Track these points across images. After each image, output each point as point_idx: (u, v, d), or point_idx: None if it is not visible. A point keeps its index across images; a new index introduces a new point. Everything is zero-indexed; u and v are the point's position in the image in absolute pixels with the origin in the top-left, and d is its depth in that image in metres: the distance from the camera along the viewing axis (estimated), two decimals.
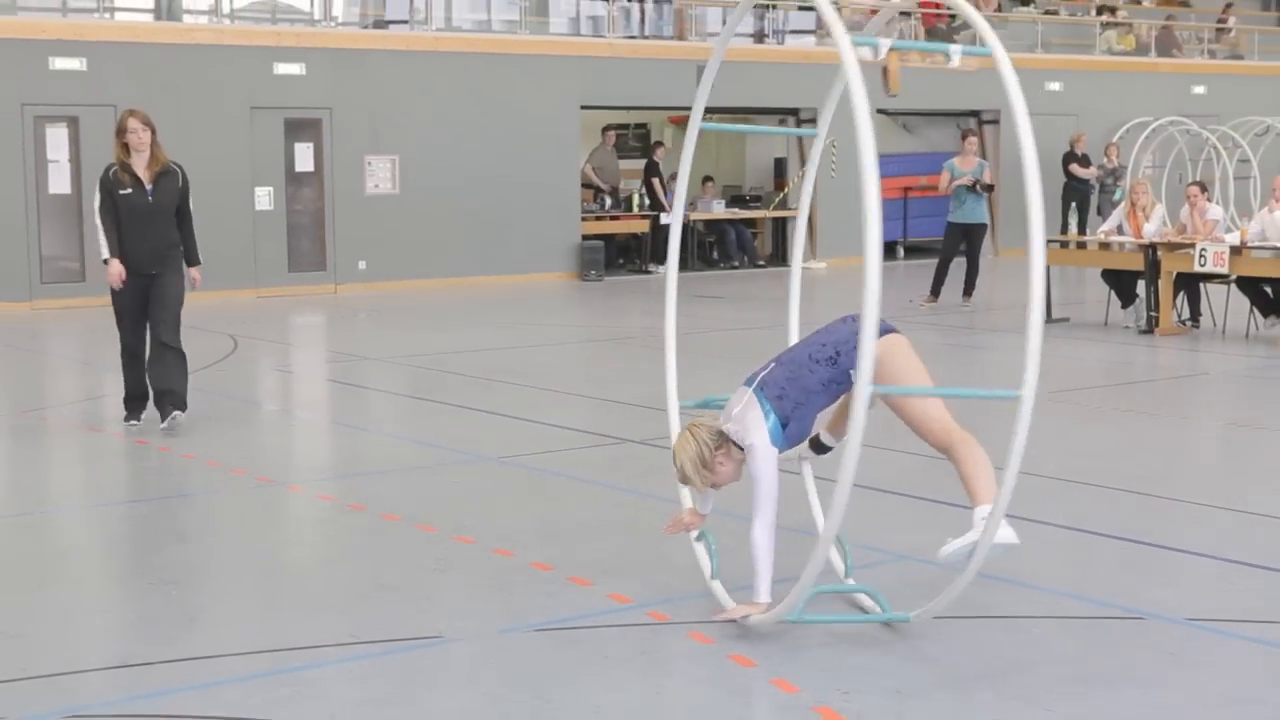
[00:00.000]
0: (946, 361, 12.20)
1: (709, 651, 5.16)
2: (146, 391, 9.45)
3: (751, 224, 23.12)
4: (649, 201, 21.93)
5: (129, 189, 9.14)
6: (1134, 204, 14.52)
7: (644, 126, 25.18)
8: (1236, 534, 6.85)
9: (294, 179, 18.78)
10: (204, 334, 9.05)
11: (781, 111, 22.37)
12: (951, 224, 16.72)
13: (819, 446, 5.85)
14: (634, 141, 24.84)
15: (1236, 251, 13.28)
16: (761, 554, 5.21)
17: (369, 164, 19.08)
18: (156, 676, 5.00)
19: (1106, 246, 14.71)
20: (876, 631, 5.32)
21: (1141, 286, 14.17)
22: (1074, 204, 23.12)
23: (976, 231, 16.73)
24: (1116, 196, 21.62)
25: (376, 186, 19.15)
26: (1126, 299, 14.45)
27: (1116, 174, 23.20)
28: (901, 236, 23.69)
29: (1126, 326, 14.33)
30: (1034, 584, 5.98)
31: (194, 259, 9.46)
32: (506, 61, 19.86)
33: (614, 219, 21.82)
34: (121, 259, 9.16)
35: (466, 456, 8.71)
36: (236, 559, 6.62)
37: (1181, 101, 25.59)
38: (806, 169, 6.42)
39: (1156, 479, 7.98)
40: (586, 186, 21.61)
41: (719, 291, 18.67)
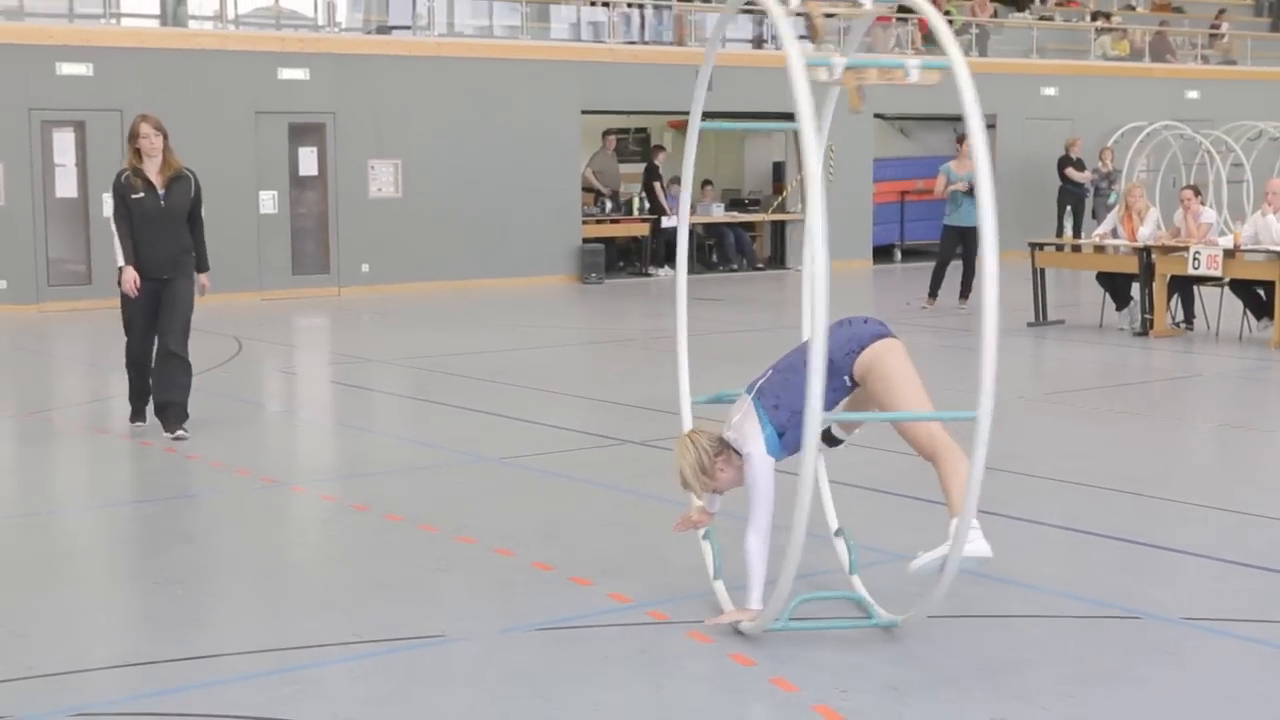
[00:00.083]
0: (943, 364, 12.19)
1: (709, 651, 5.15)
2: (149, 391, 9.36)
3: (750, 227, 23.12)
4: (649, 205, 21.93)
5: (141, 193, 9.03)
6: (1129, 208, 14.52)
7: (644, 131, 25.18)
8: (1231, 534, 6.85)
9: (298, 183, 18.78)
10: (208, 336, 9.06)
11: (779, 116, 22.34)
12: (948, 227, 16.76)
13: (830, 440, 5.82)
14: (634, 145, 24.84)
15: (1230, 254, 13.28)
16: (755, 561, 5.20)
17: (372, 168, 19.07)
18: (161, 675, 4.99)
19: (1101, 250, 14.70)
20: (874, 631, 5.31)
21: (1136, 289, 14.18)
22: (1069, 208, 23.11)
23: (972, 234, 16.64)
24: (1111, 200, 21.60)
25: (379, 190, 19.14)
26: (1121, 301, 14.45)
27: (1111, 178, 23.19)
28: (898, 240, 23.70)
29: (1121, 329, 14.33)
30: (1030, 584, 5.97)
31: (203, 265, 9.36)
32: (508, 66, 19.86)
33: (614, 222, 21.81)
34: (134, 265, 9.06)
35: (468, 457, 8.70)
36: (241, 559, 6.62)
37: (1175, 106, 25.59)
38: (808, 169, 6.37)
39: (1151, 480, 7.97)
40: (587, 190, 21.61)
41: (718, 294, 18.67)
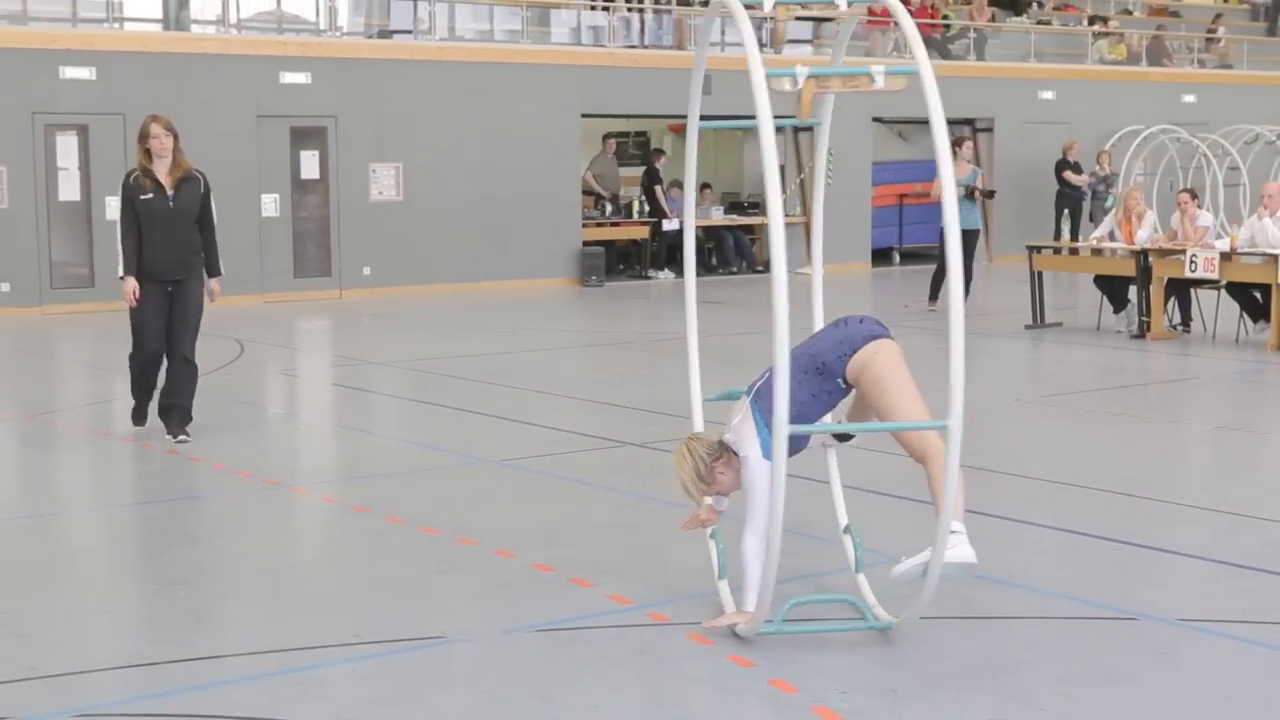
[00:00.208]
0: (941, 365, 12.16)
1: (708, 652, 5.15)
2: (153, 391, 9.26)
3: (749, 230, 23.12)
4: (649, 208, 21.93)
5: (150, 194, 8.86)
6: (1129, 211, 14.49)
7: (644, 134, 25.18)
8: (1226, 535, 6.85)
9: (300, 186, 18.78)
10: (211, 339, 9.07)
11: (777, 119, 22.36)
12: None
13: (841, 435, 5.79)
14: (634, 149, 24.84)
15: (1226, 258, 13.28)
16: (752, 563, 5.19)
17: (373, 171, 19.07)
18: (164, 676, 4.99)
19: (1099, 253, 14.70)
20: (873, 633, 5.30)
21: (1133, 292, 14.17)
22: (1066, 211, 23.12)
23: (970, 237, 16.69)
24: (1108, 204, 21.60)
25: (381, 193, 19.14)
26: (1118, 304, 14.45)
27: (1108, 181, 23.19)
28: (897, 242, 23.70)
29: (1118, 331, 14.33)
30: (1027, 585, 5.97)
31: (214, 269, 9.16)
32: (509, 71, 19.86)
33: (614, 225, 21.81)
34: (143, 266, 8.91)
35: (469, 459, 8.70)
36: (243, 560, 6.61)
37: (1172, 110, 25.59)
38: (815, 173, 6.41)
39: (1148, 481, 7.97)
40: (587, 193, 21.61)
41: (717, 297, 18.66)
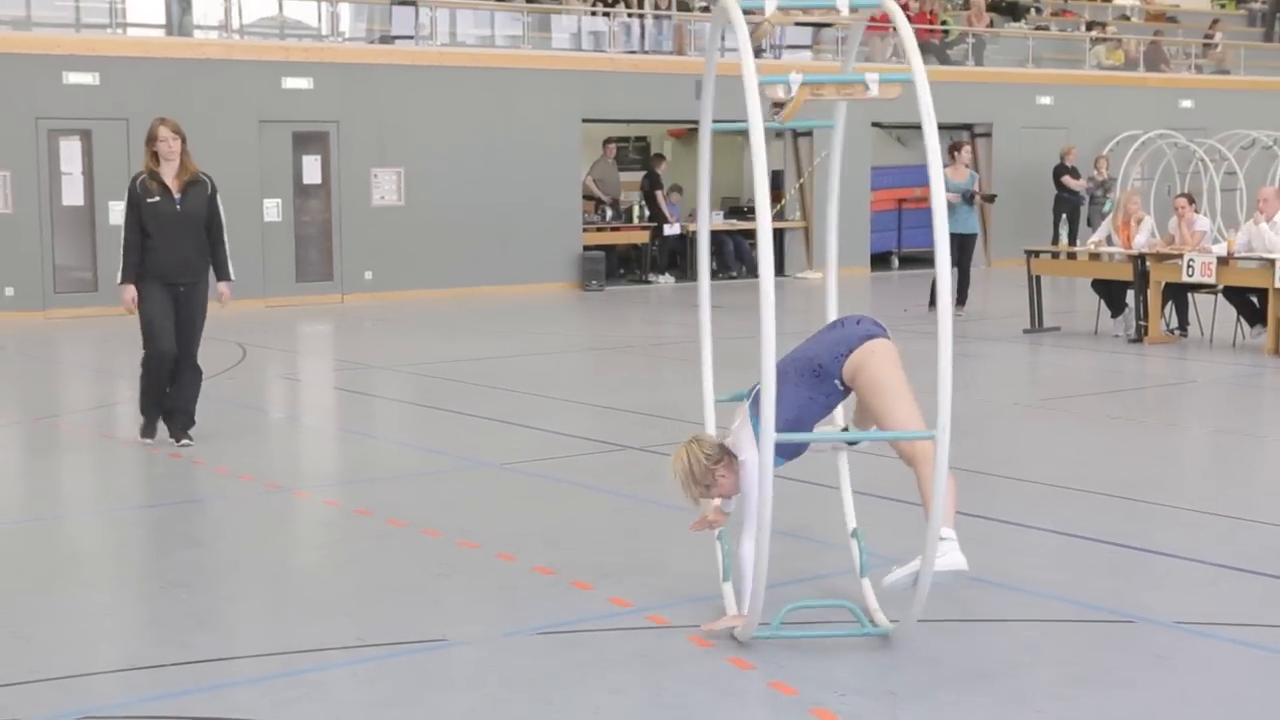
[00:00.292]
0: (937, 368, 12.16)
1: (708, 654, 5.15)
2: (164, 401, 9.12)
3: (749, 235, 23.11)
4: (649, 213, 21.94)
5: (157, 197, 8.78)
6: (1128, 215, 14.47)
7: (644, 140, 25.19)
8: (1224, 538, 6.85)
9: (302, 191, 18.79)
10: (214, 343, 9.07)
11: (741, 132, 22.37)
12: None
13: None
14: (634, 154, 24.85)
15: (1223, 262, 13.28)
16: (748, 567, 5.19)
17: (375, 176, 19.08)
18: (167, 678, 4.99)
19: (1096, 257, 14.70)
20: (871, 636, 5.29)
21: (1131, 296, 14.18)
22: (1064, 215, 23.07)
23: (969, 241, 16.75)
24: (1106, 208, 21.60)
25: (382, 198, 19.15)
26: (1116, 308, 14.45)
27: (1106, 186, 23.19)
28: (896, 247, 23.70)
29: (1116, 335, 14.33)
30: (1025, 588, 5.98)
31: (223, 273, 9.05)
32: (510, 76, 19.88)
33: (614, 230, 21.82)
34: (150, 269, 8.83)
35: (470, 463, 8.70)
36: (245, 563, 6.61)
37: (1170, 115, 25.60)
38: (830, 175, 6.40)
39: (1145, 484, 7.97)
40: (588, 198, 21.62)
41: (717, 301, 18.46)
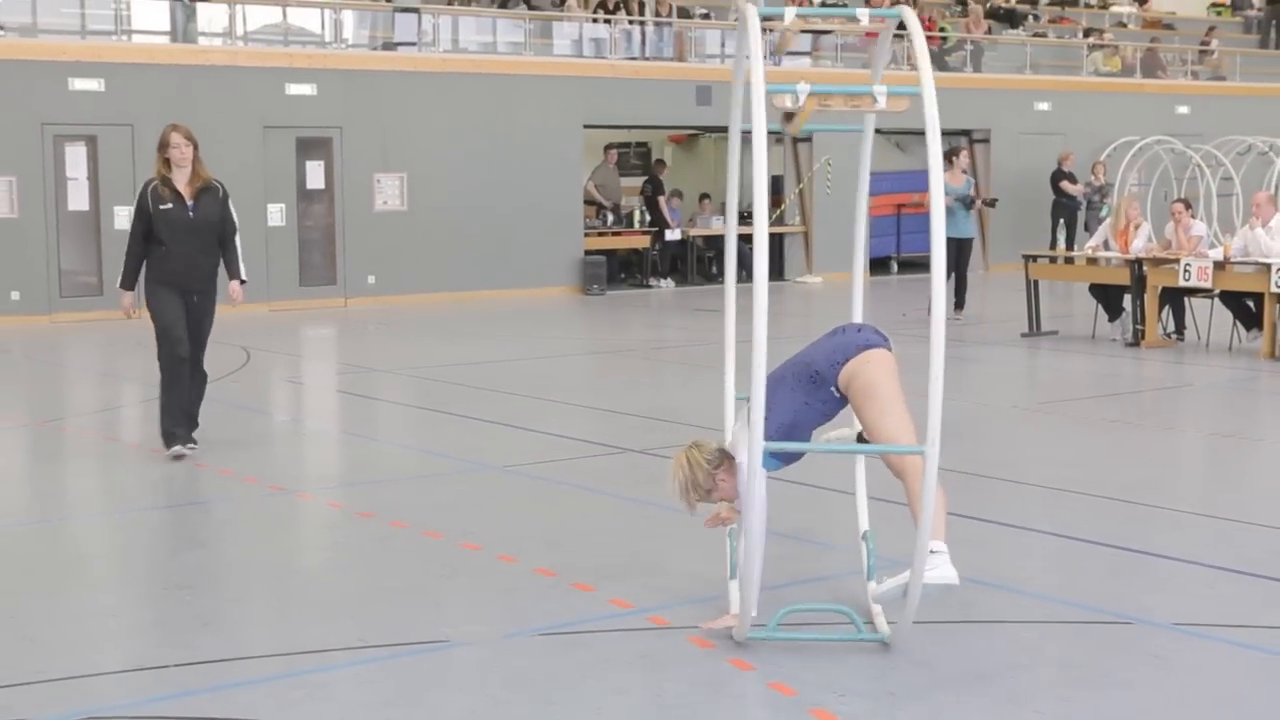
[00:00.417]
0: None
1: (708, 655, 5.15)
2: (189, 414, 8.91)
3: (749, 239, 23.08)
4: (650, 218, 21.94)
5: (169, 204, 8.66)
6: (1128, 220, 14.45)
7: (645, 145, 25.19)
8: (1221, 540, 6.84)
9: (305, 196, 18.79)
10: (218, 347, 9.07)
11: (777, 131, 22.41)
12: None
13: (862, 437, 5.73)
14: (635, 160, 24.85)
15: (1220, 266, 13.29)
16: (751, 568, 5.16)
17: (378, 181, 19.08)
18: (171, 679, 4.98)
19: (1094, 261, 14.70)
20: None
21: (1128, 300, 14.17)
22: (1062, 220, 23.11)
23: (966, 246, 16.77)
24: (1103, 213, 21.60)
25: (385, 203, 19.15)
26: (1113, 312, 14.44)
27: (1103, 191, 23.20)
28: (895, 252, 23.71)
29: (1113, 339, 14.32)
30: (1024, 589, 5.97)
31: (235, 271, 8.99)
32: (511, 82, 19.88)
33: (616, 235, 21.82)
34: (162, 275, 8.73)
35: (472, 465, 8.70)
36: (249, 565, 6.61)
37: (1166, 121, 25.60)
38: (860, 180, 6.34)
39: (1143, 487, 7.96)
40: (589, 203, 21.62)
41: (718, 305, 18.63)
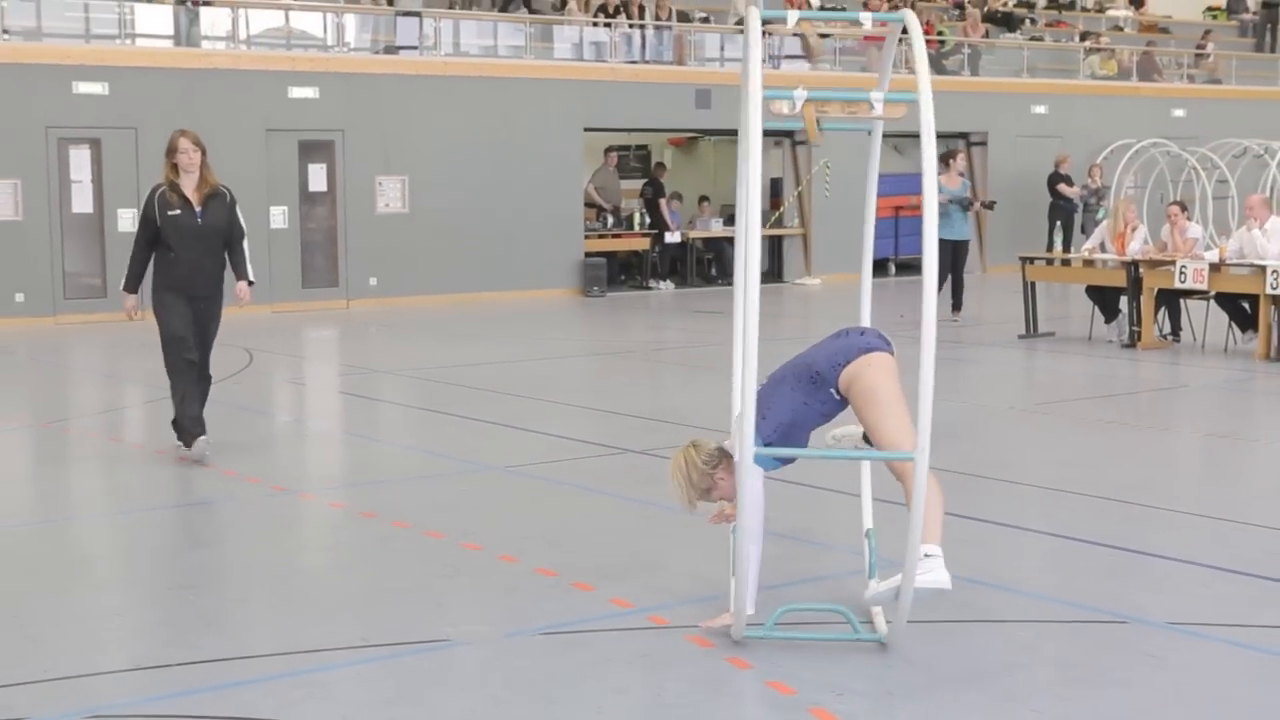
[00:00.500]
0: (935, 373, 12.16)
1: (707, 654, 5.15)
2: (199, 419, 8.78)
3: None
4: (650, 220, 21.94)
5: (178, 210, 8.60)
6: (1126, 222, 14.44)
7: (645, 148, 25.19)
8: (1216, 540, 6.84)
9: (307, 198, 18.80)
10: (220, 348, 9.07)
11: (777, 134, 22.41)
12: (941, 240, 16.62)
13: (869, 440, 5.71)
14: (635, 162, 24.86)
15: (1215, 268, 13.29)
16: (745, 567, 5.17)
17: (380, 184, 19.09)
18: (174, 678, 4.99)
19: (1090, 263, 14.70)
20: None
21: (1124, 302, 14.18)
22: (1059, 223, 23.13)
23: (962, 248, 16.81)
24: (1100, 215, 21.61)
25: (387, 205, 19.15)
26: (1109, 314, 14.44)
27: (1100, 194, 23.20)
28: (893, 254, 23.71)
29: (1110, 341, 14.32)
30: (1021, 589, 5.97)
31: (242, 273, 8.89)
32: (512, 86, 19.89)
33: (616, 237, 21.82)
34: (170, 281, 8.65)
35: (473, 466, 8.70)
36: (251, 564, 6.61)
37: (1162, 124, 25.61)
38: (868, 181, 6.25)
39: (1139, 487, 7.96)
40: (589, 205, 21.62)
41: (717, 307, 18.67)
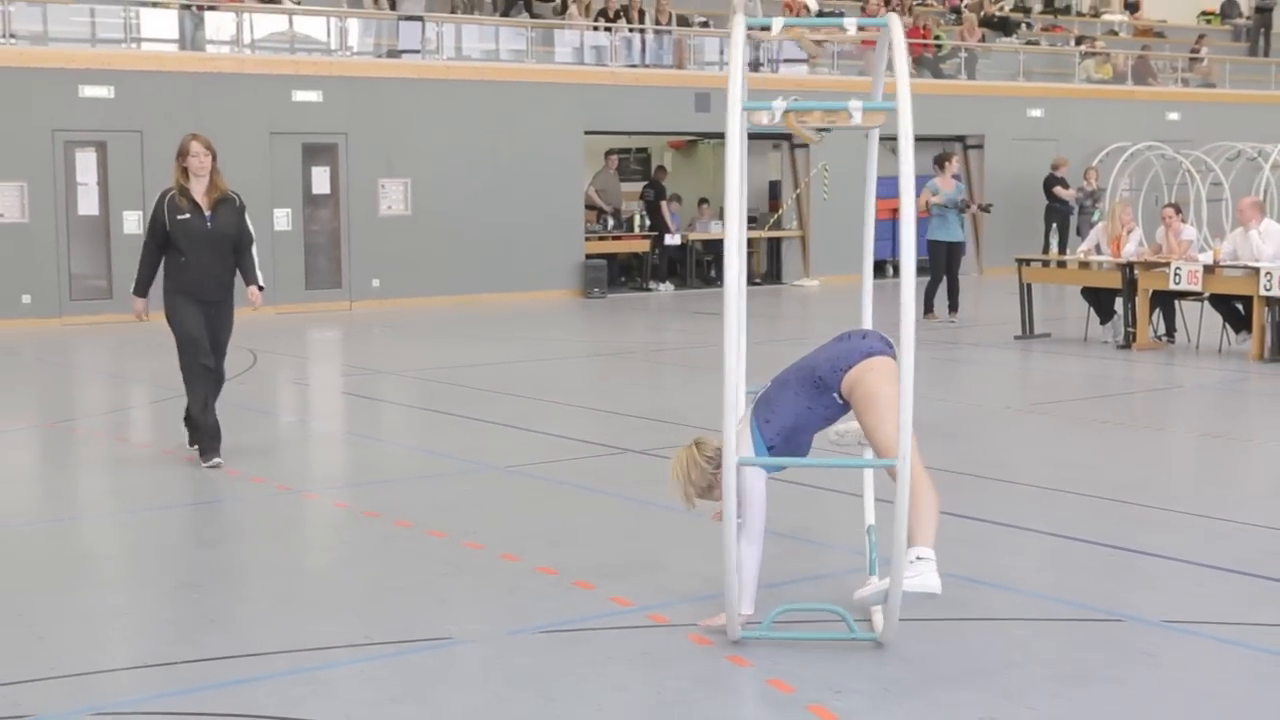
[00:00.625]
0: (931, 375, 12.18)
1: (707, 652, 5.14)
2: (218, 427, 8.71)
3: (749, 244, 23.09)
4: (650, 222, 21.94)
5: (187, 214, 8.47)
6: (1120, 225, 14.44)
7: (645, 151, 25.20)
8: (1211, 540, 6.84)
9: (311, 201, 18.80)
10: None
11: (775, 137, 22.41)
12: (937, 242, 16.68)
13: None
14: (635, 165, 24.86)
15: (1209, 270, 13.29)
16: (745, 566, 5.17)
17: (382, 186, 19.08)
18: (179, 676, 4.98)
19: (1086, 265, 14.70)
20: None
21: (1119, 303, 14.17)
22: (1055, 225, 23.14)
23: (957, 250, 16.85)
24: (1095, 218, 21.60)
25: (390, 208, 19.15)
26: (1105, 315, 14.44)
27: (1095, 196, 23.20)
28: (892, 256, 23.69)
29: (1105, 342, 14.32)
30: (1018, 588, 5.97)
31: (251, 278, 8.74)
32: (514, 89, 19.89)
33: (616, 239, 21.82)
34: (181, 285, 8.54)
35: (475, 466, 8.70)
36: (256, 563, 6.61)
37: (1157, 127, 25.61)
38: (867, 184, 6.24)
39: (1134, 487, 7.96)
40: (590, 208, 21.62)
41: (716, 308, 18.60)
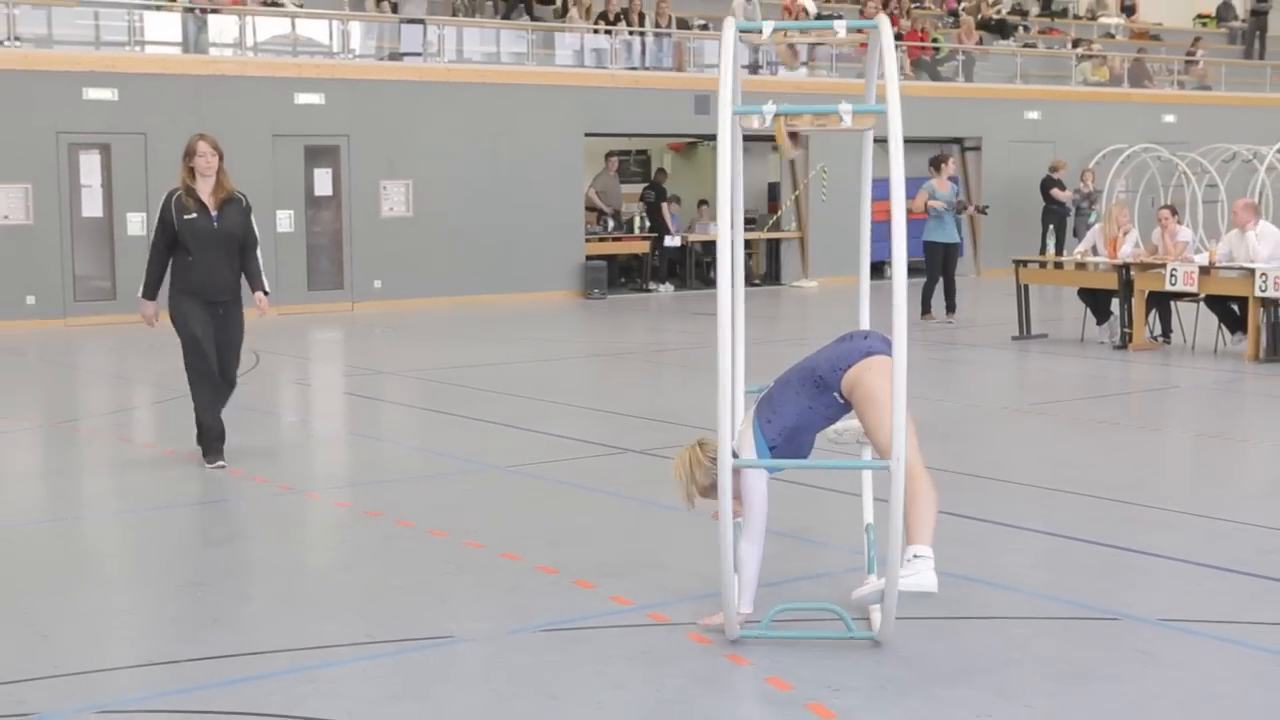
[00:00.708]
0: (929, 375, 12.18)
1: (706, 651, 5.14)
2: (223, 428, 8.68)
3: (747, 245, 23.11)
4: (650, 224, 21.94)
5: (194, 214, 8.36)
6: (1117, 227, 14.44)
7: (645, 153, 25.21)
8: (1207, 539, 6.84)
9: (313, 202, 18.80)
10: None
11: (774, 139, 22.42)
12: (933, 243, 16.69)
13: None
14: (635, 167, 24.87)
15: (1205, 271, 13.29)
16: (745, 566, 5.17)
17: (384, 188, 19.09)
18: (182, 674, 4.98)
19: (1082, 266, 14.71)
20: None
21: (1116, 304, 14.18)
22: (1051, 226, 23.14)
23: (954, 251, 16.87)
24: (1092, 219, 21.60)
25: (391, 209, 19.16)
26: (1101, 316, 14.45)
27: (1092, 198, 23.21)
28: (888, 256, 23.68)
29: (1101, 342, 14.32)
30: (1015, 586, 5.97)
31: (258, 284, 8.61)
32: (514, 92, 19.89)
33: (616, 240, 21.83)
34: (188, 286, 8.45)
35: (476, 465, 8.70)
36: (258, 562, 6.61)
37: (1153, 129, 25.61)
38: (862, 184, 6.24)
39: (1131, 487, 7.96)
40: (590, 209, 21.63)
41: (715, 309, 18.64)
